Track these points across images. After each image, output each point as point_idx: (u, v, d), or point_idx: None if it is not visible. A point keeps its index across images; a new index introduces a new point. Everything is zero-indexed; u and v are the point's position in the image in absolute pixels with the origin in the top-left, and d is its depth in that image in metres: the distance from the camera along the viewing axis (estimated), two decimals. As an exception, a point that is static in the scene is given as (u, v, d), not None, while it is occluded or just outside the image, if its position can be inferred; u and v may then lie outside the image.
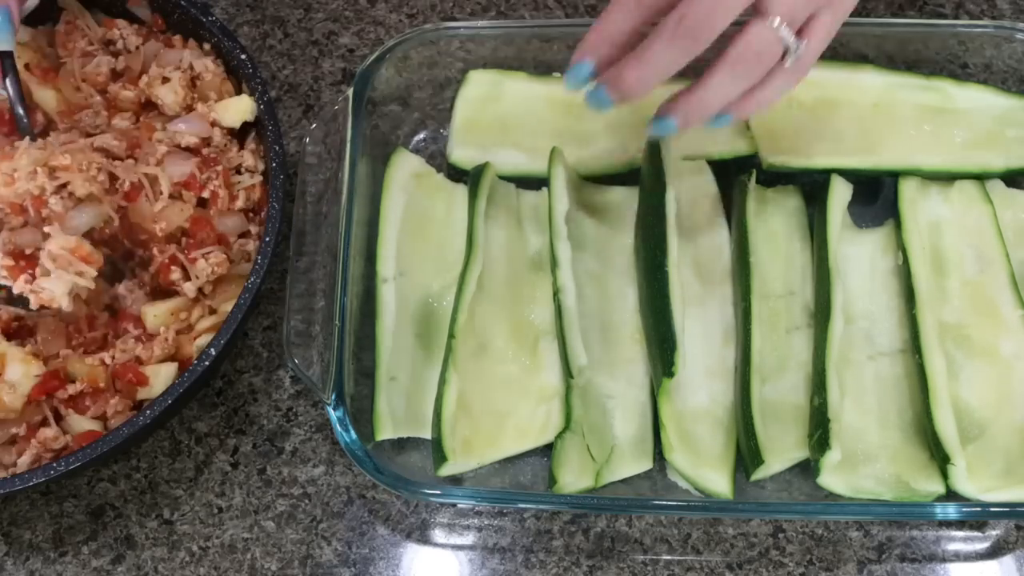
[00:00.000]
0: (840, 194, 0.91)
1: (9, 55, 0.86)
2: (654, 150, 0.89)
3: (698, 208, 0.93)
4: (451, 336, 0.84)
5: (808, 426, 0.83)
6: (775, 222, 0.93)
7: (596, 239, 0.93)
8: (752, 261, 0.88)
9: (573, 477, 0.82)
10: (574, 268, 0.87)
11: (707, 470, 0.82)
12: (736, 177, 0.94)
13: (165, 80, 0.91)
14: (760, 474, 0.82)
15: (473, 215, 0.90)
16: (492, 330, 0.88)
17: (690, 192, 0.93)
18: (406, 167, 0.96)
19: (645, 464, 0.85)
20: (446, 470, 0.82)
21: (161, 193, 0.86)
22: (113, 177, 0.85)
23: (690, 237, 0.91)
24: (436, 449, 0.82)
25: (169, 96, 0.91)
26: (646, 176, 0.89)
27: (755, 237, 0.89)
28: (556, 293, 0.86)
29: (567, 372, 0.84)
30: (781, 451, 0.83)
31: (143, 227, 0.86)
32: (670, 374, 0.81)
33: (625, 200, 0.94)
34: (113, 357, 0.84)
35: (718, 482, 0.82)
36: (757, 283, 0.87)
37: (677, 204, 0.86)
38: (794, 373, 0.87)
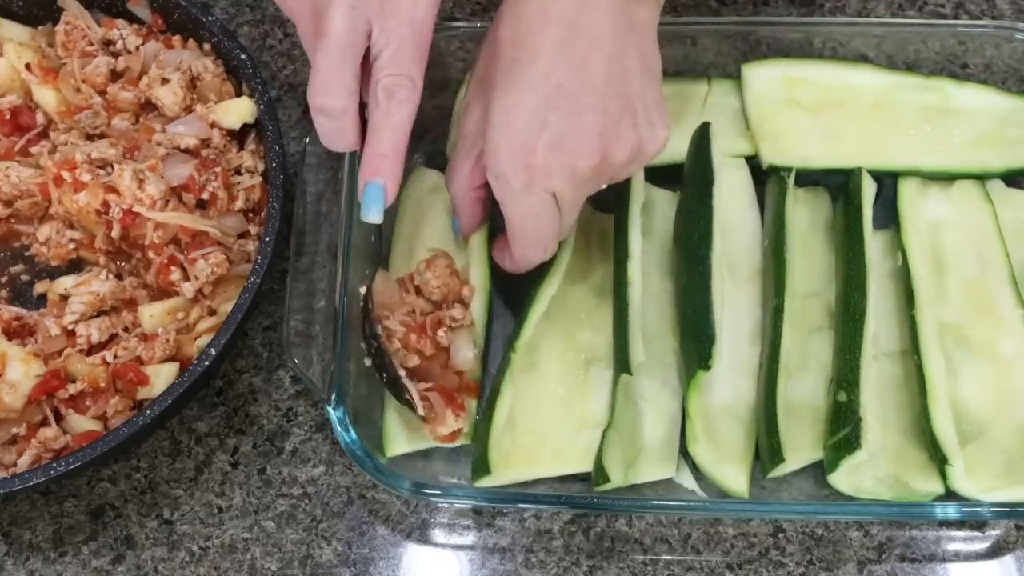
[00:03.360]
0: (868, 191, 0.90)
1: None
2: (703, 144, 0.88)
3: (734, 204, 0.93)
4: (512, 350, 0.83)
5: (829, 424, 0.82)
6: (803, 222, 0.92)
7: None
8: (788, 258, 0.87)
9: (619, 474, 0.81)
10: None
11: (727, 465, 0.82)
12: (774, 174, 0.92)
13: (165, 81, 0.91)
14: (778, 472, 0.81)
15: None
16: (545, 349, 0.87)
17: (728, 188, 0.92)
18: (423, 186, 0.95)
19: (668, 470, 0.83)
20: (485, 482, 0.81)
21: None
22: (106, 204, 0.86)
23: (724, 234, 0.89)
24: (479, 460, 0.82)
25: (169, 97, 0.91)
26: (691, 169, 0.89)
27: (790, 235, 0.88)
28: (622, 285, 0.84)
29: (623, 368, 0.82)
30: (798, 450, 0.82)
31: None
32: (706, 367, 0.80)
33: (651, 199, 0.92)
34: (115, 356, 0.84)
35: (737, 479, 0.82)
36: (788, 281, 0.86)
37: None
38: (813, 375, 0.86)
